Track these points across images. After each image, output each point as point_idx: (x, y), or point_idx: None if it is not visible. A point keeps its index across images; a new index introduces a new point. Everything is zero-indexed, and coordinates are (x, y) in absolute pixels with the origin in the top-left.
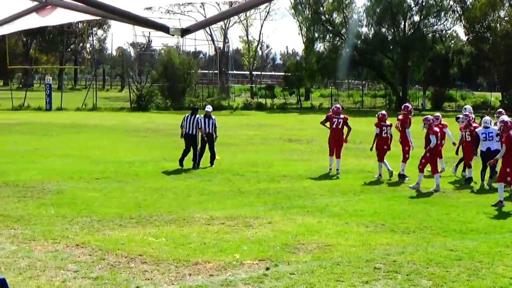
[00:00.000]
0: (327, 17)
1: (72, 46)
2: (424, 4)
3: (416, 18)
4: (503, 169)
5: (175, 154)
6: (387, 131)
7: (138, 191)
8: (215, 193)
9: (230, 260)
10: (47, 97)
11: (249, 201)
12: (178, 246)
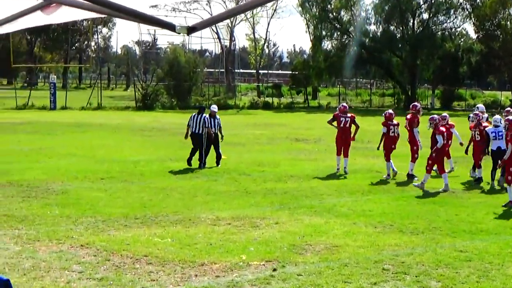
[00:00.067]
0: (334, 14)
1: (76, 45)
2: (433, 1)
3: (425, 16)
4: (508, 168)
5: (180, 153)
6: (395, 130)
7: (144, 191)
8: (221, 193)
9: (236, 261)
10: (52, 96)
11: (255, 201)
12: (184, 247)
